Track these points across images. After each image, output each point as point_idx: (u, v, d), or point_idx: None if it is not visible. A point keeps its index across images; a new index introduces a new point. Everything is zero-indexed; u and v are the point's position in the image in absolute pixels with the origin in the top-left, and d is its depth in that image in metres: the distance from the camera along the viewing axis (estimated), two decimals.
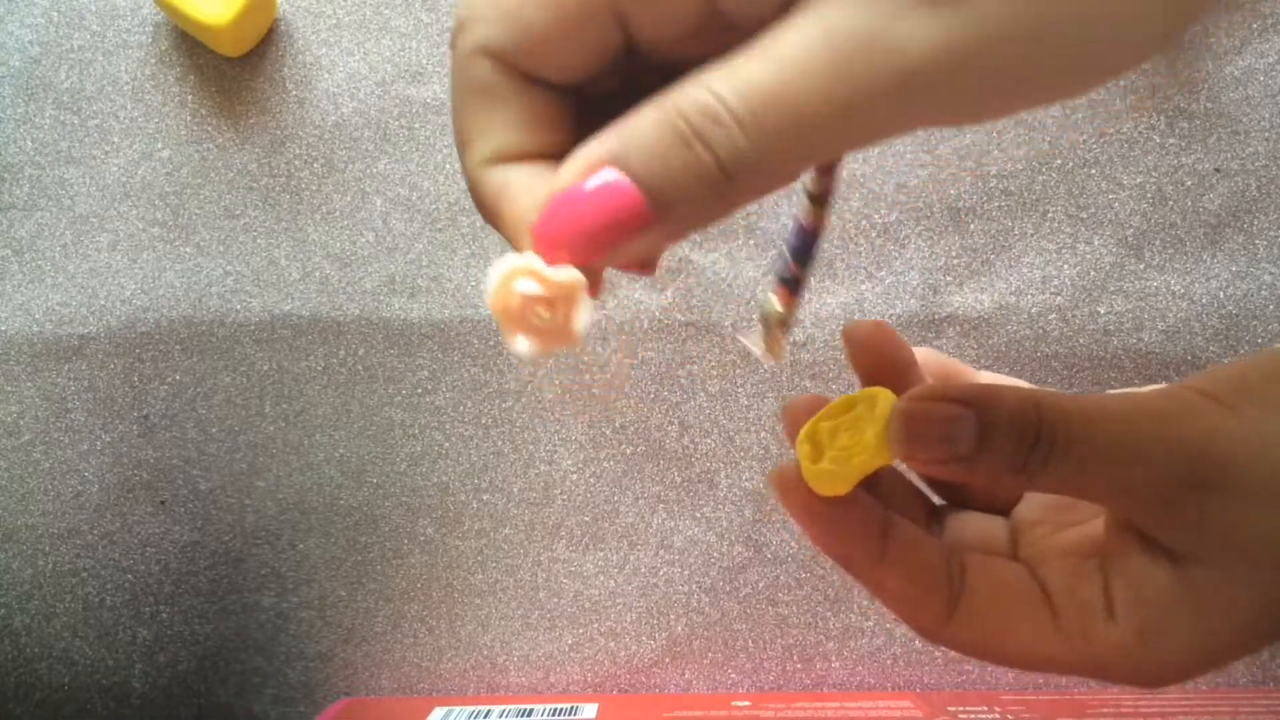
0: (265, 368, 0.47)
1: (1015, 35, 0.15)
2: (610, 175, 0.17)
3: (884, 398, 0.22)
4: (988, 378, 0.28)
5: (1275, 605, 0.20)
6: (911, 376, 0.26)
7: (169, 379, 0.47)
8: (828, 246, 0.46)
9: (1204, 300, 0.46)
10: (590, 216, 0.17)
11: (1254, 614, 0.20)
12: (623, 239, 0.17)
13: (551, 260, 0.18)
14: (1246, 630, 0.20)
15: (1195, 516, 0.20)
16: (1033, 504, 0.26)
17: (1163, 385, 0.22)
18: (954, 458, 0.21)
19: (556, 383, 0.47)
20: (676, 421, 0.47)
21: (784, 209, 0.46)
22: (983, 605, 0.22)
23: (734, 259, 0.46)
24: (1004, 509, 0.27)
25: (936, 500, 0.28)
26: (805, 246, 0.23)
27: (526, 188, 0.19)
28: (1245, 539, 0.20)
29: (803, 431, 0.23)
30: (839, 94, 0.16)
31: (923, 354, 0.27)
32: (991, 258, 0.46)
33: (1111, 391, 0.25)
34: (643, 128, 0.17)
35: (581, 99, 0.19)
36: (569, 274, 0.18)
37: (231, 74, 0.47)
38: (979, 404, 0.21)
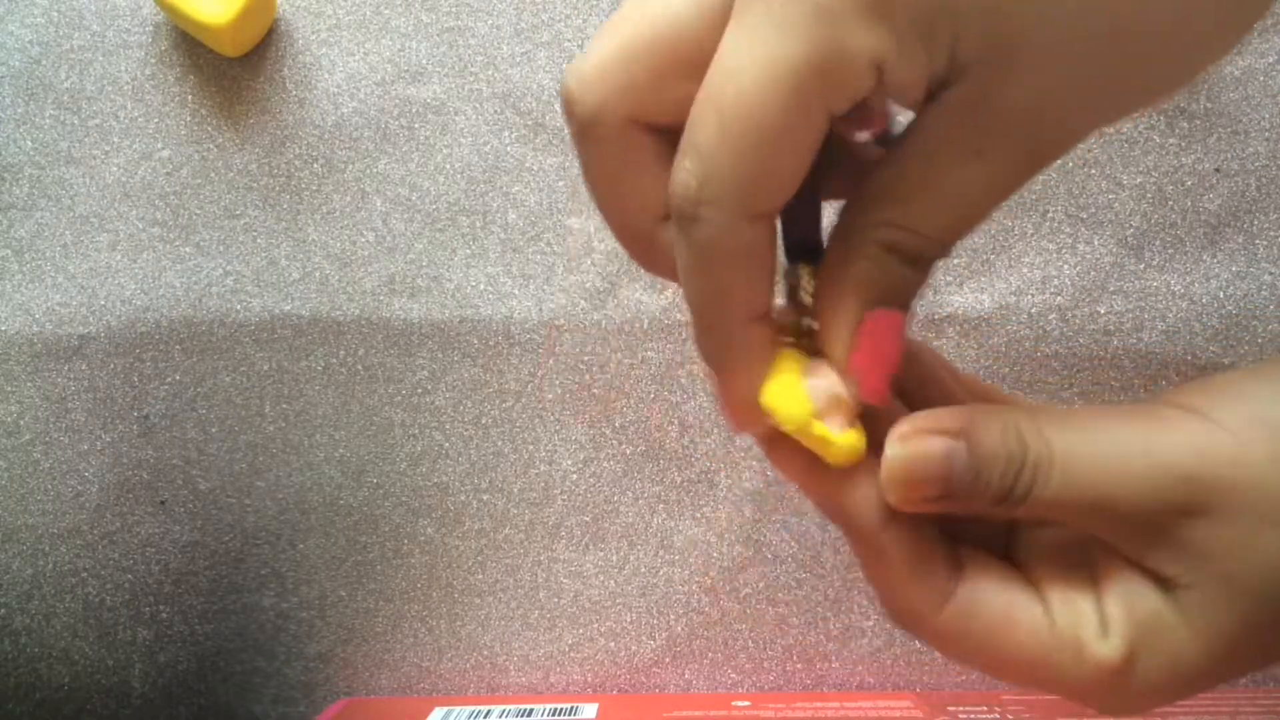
0: (265, 368, 0.47)
1: None
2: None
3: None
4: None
5: (1260, 633, 0.19)
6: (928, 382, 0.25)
7: (169, 379, 0.47)
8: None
9: (1204, 300, 0.46)
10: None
11: (1239, 642, 0.19)
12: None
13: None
14: (1229, 659, 0.20)
15: (1181, 542, 0.19)
16: None
17: (1156, 398, 0.21)
18: (946, 495, 0.20)
19: (556, 383, 0.47)
20: (676, 421, 0.47)
21: None
22: (985, 597, 0.21)
23: None
24: None
25: None
26: None
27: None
28: (1231, 565, 0.19)
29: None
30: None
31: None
32: (991, 258, 0.46)
33: (1095, 407, 0.25)
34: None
35: None
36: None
37: (231, 74, 0.47)
38: (967, 433, 0.20)
